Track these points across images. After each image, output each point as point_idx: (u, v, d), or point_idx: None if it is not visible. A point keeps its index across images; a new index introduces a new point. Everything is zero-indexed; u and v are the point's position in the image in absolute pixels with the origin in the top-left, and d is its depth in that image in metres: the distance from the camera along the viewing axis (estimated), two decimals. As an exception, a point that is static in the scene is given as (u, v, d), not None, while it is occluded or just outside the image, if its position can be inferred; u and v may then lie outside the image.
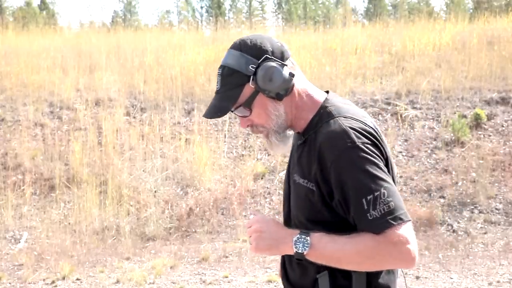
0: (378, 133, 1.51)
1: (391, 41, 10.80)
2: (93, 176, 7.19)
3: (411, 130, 8.14)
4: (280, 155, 7.72)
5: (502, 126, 8.09)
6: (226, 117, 8.52)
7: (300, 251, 1.43)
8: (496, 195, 6.91)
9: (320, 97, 1.59)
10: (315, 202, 1.48)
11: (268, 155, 7.86)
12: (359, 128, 1.44)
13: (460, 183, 7.10)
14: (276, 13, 45.35)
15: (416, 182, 7.22)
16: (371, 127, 1.49)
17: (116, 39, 11.46)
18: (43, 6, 40.89)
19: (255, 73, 1.50)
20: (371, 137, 1.44)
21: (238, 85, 1.52)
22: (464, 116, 8.12)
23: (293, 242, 1.44)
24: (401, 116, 8.36)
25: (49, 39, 11.68)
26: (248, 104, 1.53)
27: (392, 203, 1.37)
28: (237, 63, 1.51)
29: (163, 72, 9.48)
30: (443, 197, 6.93)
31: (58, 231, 6.46)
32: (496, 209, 6.72)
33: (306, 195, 1.49)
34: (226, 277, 5.42)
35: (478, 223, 6.47)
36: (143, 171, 7.45)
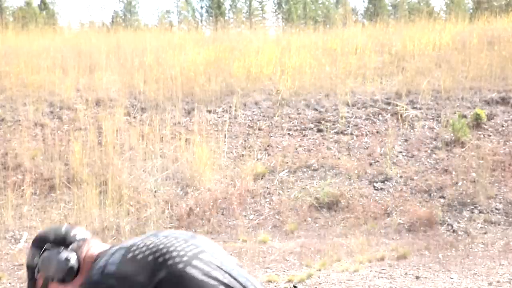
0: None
1: (391, 41, 10.80)
2: (93, 176, 7.19)
3: (411, 130, 8.15)
4: (280, 155, 7.72)
5: (502, 126, 8.09)
6: (226, 117, 8.52)
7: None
8: (496, 195, 6.91)
9: None
10: None
11: (268, 155, 7.86)
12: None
13: (460, 183, 7.09)
14: (276, 13, 45.32)
15: (416, 182, 7.22)
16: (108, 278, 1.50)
17: (116, 39, 11.46)
18: (43, 6, 40.87)
19: (37, 264, 1.60)
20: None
21: (31, 278, 1.63)
22: (464, 116, 8.12)
23: None
24: (401, 116, 8.36)
25: (49, 39, 11.67)
26: None
27: None
28: (28, 259, 1.64)
29: (163, 72, 9.47)
30: (443, 197, 6.93)
31: (58, 231, 6.45)
32: (496, 209, 6.72)
33: None
34: (226, 277, 5.41)
35: (478, 223, 6.47)
36: (143, 171, 7.45)
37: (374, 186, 7.22)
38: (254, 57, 9.93)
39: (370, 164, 7.61)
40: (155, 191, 7.14)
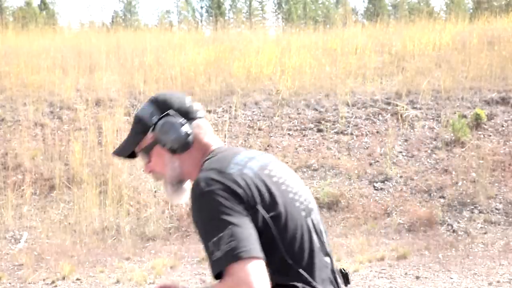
0: (251, 177, 1.51)
1: (391, 41, 10.80)
2: (93, 176, 7.19)
3: (411, 130, 8.15)
4: (280, 155, 7.72)
5: (502, 126, 8.09)
6: (226, 117, 8.52)
7: None
8: (496, 195, 6.91)
9: (208, 153, 1.67)
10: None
11: (268, 155, 7.86)
12: (212, 177, 1.48)
13: (460, 183, 7.10)
14: (276, 13, 45.33)
15: (416, 182, 7.22)
16: (234, 168, 1.51)
17: (116, 39, 11.46)
18: (43, 6, 40.86)
19: (155, 125, 1.63)
20: (225, 183, 1.46)
21: (140, 132, 1.67)
22: (464, 116, 8.13)
23: None
24: (401, 116, 8.36)
25: (49, 39, 11.67)
26: (147, 152, 1.67)
27: (234, 242, 1.37)
28: (144, 113, 1.67)
29: (163, 72, 9.47)
30: (443, 197, 6.93)
31: (58, 231, 6.46)
32: (496, 209, 6.72)
33: None
34: (226, 277, 5.41)
35: (478, 223, 6.47)
36: (143, 171, 7.45)
37: (374, 186, 7.22)
38: (254, 57, 9.93)
39: (370, 164, 7.61)
40: (155, 191, 7.14)
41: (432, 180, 7.19)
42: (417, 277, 5.32)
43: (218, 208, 1.41)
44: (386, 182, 7.29)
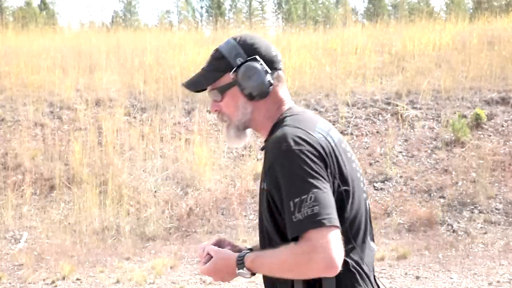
0: (331, 137, 1.52)
1: (391, 41, 10.80)
2: (93, 176, 7.19)
3: (411, 130, 8.14)
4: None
5: (502, 126, 8.09)
6: (226, 117, 8.51)
7: (245, 277, 1.54)
8: (496, 195, 6.91)
9: (286, 107, 1.64)
10: (272, 207, 1.51)
11: (268, 155, 7.86)
12: (301, 136, 1.46)
13: (460, 183, 7.10)
14: (276, 13, 45.32)
15: (416, 182, 7.22)
16: (319, 132, 1.50)
17: (116, 39, 11.45)
18: (43, 6, 40.86)
19: (239, 66, 1.58)
20: (313, 145, 1.45)
21: (220, 70, 1.61)
22: (464, 116, 8.12)
23: (238, 275, 1.55)
24: (401, 116, 8.36)
25: (49, 39, 11.67)
26: (222, 91, 1.61)
27: (317, 207, 1.37)
28: (228, 51, 1.61)
29: (163, 72, 9.47)
30: (443, 197, 6.93)
31: (58, 231, 6.46)
32: (496, 209, 6.72)
33: (265, 199, 1.53)
34: (226, 277, 5.41)
35: (478, 223, 6.47)
36: (143, 171, 7.45)
37: (374, 186, 7.22)
38: (254, 57, 9.91)
39: (370, 164, 7.61)
40: (155, 191, 7.14)
41: (432, 180, 7.19)
42: (417, 277, 5.32)
43: (305, 168, 1.40)
44: (386, 182, 7.29)
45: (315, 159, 1.43)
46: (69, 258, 5.87)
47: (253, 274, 1.53)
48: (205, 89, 1.65)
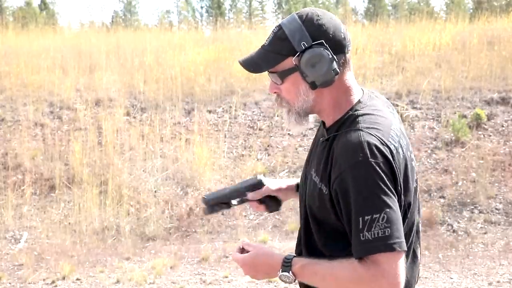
0: (401, 147, 1.45)
1: (391, 41, 10.80)
2: (93, 176, 7.20)
3: (411, 130, 8.14)
4: (280, 155, 7.73)
5: (502, 126, 8.09)
6: (226, 117, 8.52)
7: (285, 282, 1.46)
8: (496, 195, 6.91)
9: (355, 98, 1.53)
10: (325, 203, 1.46)
11: (268, 155, 7.86)
12: (378, 146, 1.38)
13: (460, 183, 7.10)
14: (276, 13, 45.33)
15: (416, 182, 7.22)
16: (392, 143, 1.42)
17: (116, 39, 11.46)
18: (43, 6, 40.88)
19: (303, 52, 1.45)
20: (388, 158, 1.38)
21: (282, 53, 1.47)
22: (464, 116, 8.13)
23: (279, 277, 1.46)
24: (401, 116, 8.36)
25: (49, 39, 11.68)
26: (283, 76, 1.49)
27: (389, 229, 1.31)
28: (292, 34, 1.46)
29: (163, 72, 9.47)
30: (443, 197, 6.93)
31: (58, 231, 6.46)
32: (496, 209, 6.72)
33: (318, 193, 1.48)
34: (226, 277, 5.42)
35: (478, 223, 6.48)
36: (143, 171, 7.45)
37: (374, 186, 7.22)
38: (254, 57, 9.91)
39: (370, 164, 7.60)
40: (155, 191, 7.14)
41: (432, 180, 7.19)
42: (417, 277, 5.32)
43: (379, 184, 1.33)
44: (386, 182, 7.28)
45: (389, 173, 1.36)
46: (69, 258, 5.87)
47: (294, 280, 1.45)
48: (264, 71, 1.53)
